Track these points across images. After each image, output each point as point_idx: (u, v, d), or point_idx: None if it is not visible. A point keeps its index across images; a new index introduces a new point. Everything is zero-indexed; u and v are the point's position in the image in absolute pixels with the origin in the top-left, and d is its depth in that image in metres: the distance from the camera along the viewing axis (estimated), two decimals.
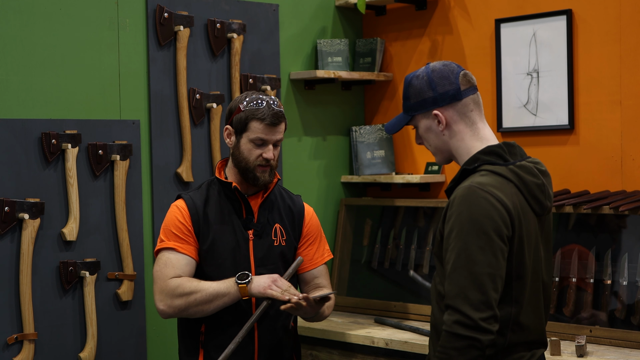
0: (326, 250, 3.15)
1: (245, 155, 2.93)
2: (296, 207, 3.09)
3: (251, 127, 2.91)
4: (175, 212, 2.97)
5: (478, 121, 2.45)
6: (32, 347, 3.19)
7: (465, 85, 2.44)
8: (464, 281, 2.22)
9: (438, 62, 2.50)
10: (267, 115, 2.90)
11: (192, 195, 3.00)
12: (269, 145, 2.93)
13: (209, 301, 2.84)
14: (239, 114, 2.93)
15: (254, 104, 2.92)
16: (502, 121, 3.86)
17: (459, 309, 2.21)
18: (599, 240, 3.43)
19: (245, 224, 2.97)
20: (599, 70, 3.62)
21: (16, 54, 3.20)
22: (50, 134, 3.24)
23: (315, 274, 3.08)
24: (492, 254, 2.24)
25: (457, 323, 2.21)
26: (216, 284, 2.86)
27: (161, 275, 2.90)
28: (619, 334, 3.28)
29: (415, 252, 4.00)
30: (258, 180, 2.93)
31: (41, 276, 3.24)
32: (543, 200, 2.39)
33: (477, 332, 2.20)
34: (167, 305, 2.87)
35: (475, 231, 2.24)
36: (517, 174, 2.36)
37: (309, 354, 3.82)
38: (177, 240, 2.92)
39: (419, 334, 3.60)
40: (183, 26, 3.61)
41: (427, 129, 2.47)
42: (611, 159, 3.59)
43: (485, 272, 2.22)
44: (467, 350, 2.21)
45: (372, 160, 4.22)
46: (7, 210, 3.13)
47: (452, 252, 2.26)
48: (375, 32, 4.33)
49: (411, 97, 2.47)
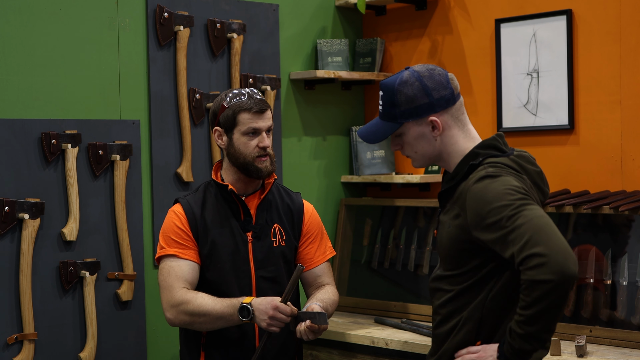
0: (328, 248, 3.13)
1: (242, 149, 2.92)
2: (295, 206, 3.07)
3: (240, 119, 2.91)
4: (173, 218, 2.96)
5: (467, 122, 2.46)
6: (32, 347, 3.19)
7: (457, 89, 2.44)
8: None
9: (419, 65, 2.45)
10: (253, 104, 2.91)
11: (189, 199, 2.99)
12: (262, 133, 2.92)
13: (213, 322, 2.85)
14: (225, 111, 2.93)
15: (237, 99, 2.92)
16: (502, 121, 3.86)
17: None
18: (599, 241, 3.43)
19: (244, 226, 2.96)
20: (599, 70, 3.62)
21: (16, 54, 3.20)
22: (50, 134, 3.24)
23: (317, 273, 3.07)
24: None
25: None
26: (220, 307, 2.82)
27: (166, 285, 2.89)
28: (619, 334, 3.28)
29: (415, 252, 4.00)
30: (261, 172, 2.92)
31: (41, 276, 3.24)
32: (543, 188, 2.42)
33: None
34: (174, 316, 2.88)
35: (511, 198, 2.22)
36: (519, 164, 2.37)
37: (309, 354, 3.82)
38: (177, 247, 2.91)
39: (419, 334, 3.60)
40: (183, 26, 3.61)
41: (419, 136, 2.42)
42: (611, 159, 3.59)
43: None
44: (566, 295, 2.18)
45: (372, 160, 4.22)
46: (7, 210, 3.13)
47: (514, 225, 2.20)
48: (375, 32, 4.33)
49: (401, 104, 2.40)
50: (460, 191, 2.35)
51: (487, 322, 2.36)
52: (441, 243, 2.44)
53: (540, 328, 2.18)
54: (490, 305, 2.35)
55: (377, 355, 3.60)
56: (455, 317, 2.40)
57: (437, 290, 2.47)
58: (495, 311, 2.35)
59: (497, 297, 2.34)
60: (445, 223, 2.41)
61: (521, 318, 2.19)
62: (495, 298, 2.34)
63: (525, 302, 2.17)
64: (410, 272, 4.01)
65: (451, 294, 2.41)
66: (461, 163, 2.41)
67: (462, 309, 2.38)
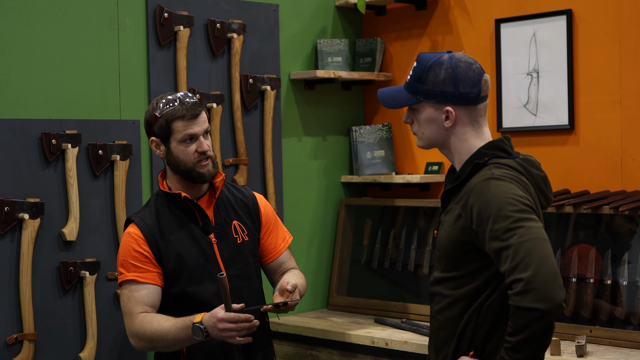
0: (286, 233, 3.14)
1: (182, 157, 2.87)
2: (249, 199, 3.06)
3: (175, 128, 2.85)
4: (129, 241, 2.89)
5: (483, 125, 2.46)
6: (32, 347, 3.19)
7: (485, 92, 2.43)
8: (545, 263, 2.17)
9: (461, 54, 2.43)
10: (185, 110, 2.84)
11: (141, 216, 2.92)
12: (199, 138, 2.87)
13: (172, 346, 2.81)
14: (158, 121, 2.87)
15: (169, 106, 2.86)
16: (502, 121, 3.86)
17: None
18: (599, 240, 3.43)
19: (204, 229, 2.93)
20: (599, 70, 3.62)
21: (16, 54, 3.20)
22: (50, 134, 3.24)
23: (282, 260, 3.09)
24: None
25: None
26: (175, 329, 2.77)
27: (127, 310, 2.86)
28: (619, 334, 3.28)
29: (415, 252, 4.00)
30: (204, 176, 2.88)
31: (41, 276, 3.24)
32: (547, 193, 2.41)
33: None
34: (136, 343, 2.86)
35: (513, 210, 2.23)
36: (524, 167, 2.37)
37: (309, 354, 3.82)
38: (136, 271, 2.86)
39: (419, 334, 3.61)
40: (183, 26, 3.61)
41: (430, 120, 2.43)
42: (611, 159, 3.59)
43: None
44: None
45: (372, 160, 4.22)
46: (7, 210, 3.13)
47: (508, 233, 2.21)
48: (375, 32, 4.33)
49: (427, 83, 2.40)
50: (464, 191, 2.35)
51: (481, 330, 2.36)
52: (441, 243, 2.43)
53: (527, 356, 2.18)
54: (486, 313, 2.35)
55: (377, 355, 3.60)
56: (452, 325, 2.40)
57: (435, 294, 2.46)
58: (489, 319, 2.35)
59: (492, 306, 2.34)
60: (446, 223, 2.41)
61: (508, 345, 2.19)
62: (491, 306, 2.34)
63: (511, 329, 2.18)
64: (410, 272, 4.01)
65: (449, 299, 2.40)
66: (467, 162, 2.41)
67: (460, 317, 2.38)
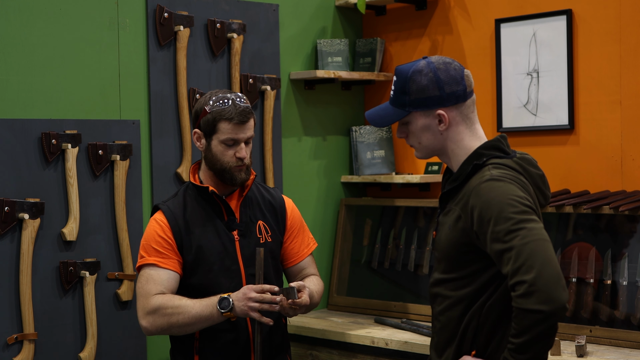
0: (311, 240, 3.15)
1: (219, 157, 2.88)
2: (277, 201, 3.07)
3: (220, 128, 2.86)
4: (154, 227, 2.92)
5: (475, 121, 2.45)
6: (32, 347, 3.19)
7: (470, 86, 2.43)
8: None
9: (436, 57, 2.44)
10: (235, 114, 2.85)
11: (169, 204, 2.95)
12: (240, 144, 2.88)
13: (192, 324, 2.80)
14: (206, 116, 2.87)
15: (220, 104, 2.86)
16: (502, 121, 3.86)
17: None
18: (599, 240, 3.43)
19: (228, 225, 2.94)
20: (599, 70, 3.62)
21: (16, 54, 3.20)
22: (50, 134, 3.24)
23: (303, 266, 3.09)
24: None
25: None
26: (199, 306, 2.79)
27: (143, 292, 2.85)
28: (619, 334, 3.28)
29: (415, 252, 4.00)
30: (236, 180, 2.90)
31: (41, 276, 3.24)
32: (545, 191, 2.42)
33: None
34: (150, 323, 2.84)
35: (515, 211, 2.23)
36: (521, 166, 2.37)
37: (309, 354, 3.82)
38: (158, 256, 2.88)
39: (419, 334, 3.60)
40: (183, 26, 3.61)
41: (425, 128, 2.42)
42: (611, 159, 3.59)
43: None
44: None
45: (372, 160, 4.22)
46: (7, 210, 3.13)
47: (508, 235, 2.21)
48: (375, 32, 4.33)
49: (412, 93, 2.40)
50: (464, 192, 2.35)
51: (483, 330, 2.36)
52: (440, 245, 2.43)
53: (531, 357, 2.18)
54: (487, 313, 2.35)
55: (377, 355, 3.60)
56: (453, 325, 2.40)
57: (436, 296, 2.46)
58: (491, 319, 2.35)
59: (493, 306, 2.34)
60: (445, 224, 2.41)
61: (512, 346, 2.19)
62: (492, 307, 2.34)
63: (515, 330, 2.18)
64: (410, 272, 4.01)
65: (450, 300, 2.40)
66: (465, 163, 2.40)
67: (461, 317, 2.38)
